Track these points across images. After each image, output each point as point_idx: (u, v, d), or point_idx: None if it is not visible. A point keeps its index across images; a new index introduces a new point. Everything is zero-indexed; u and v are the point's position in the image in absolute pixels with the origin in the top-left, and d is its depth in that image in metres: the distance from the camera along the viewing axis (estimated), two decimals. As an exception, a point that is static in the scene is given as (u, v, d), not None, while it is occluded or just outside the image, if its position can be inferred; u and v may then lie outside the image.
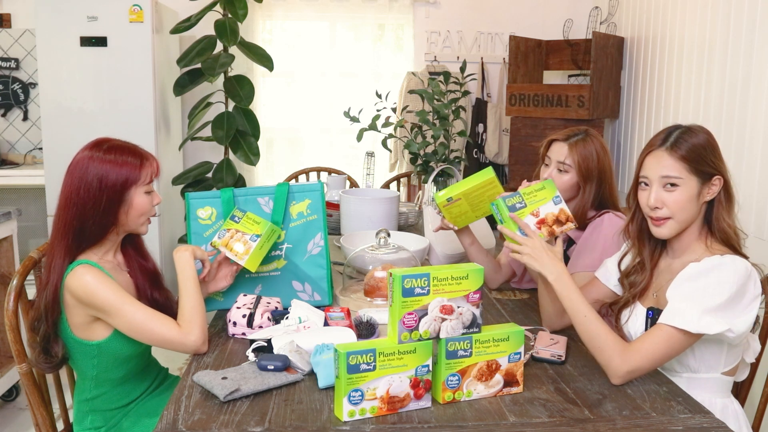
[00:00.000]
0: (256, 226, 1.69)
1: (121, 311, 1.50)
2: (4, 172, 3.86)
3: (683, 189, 1.44)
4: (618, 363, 1.37)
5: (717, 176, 1.46)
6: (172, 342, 1.51)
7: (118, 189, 1.54)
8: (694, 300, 1.38)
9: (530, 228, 1.55)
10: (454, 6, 4.35)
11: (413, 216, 2.86)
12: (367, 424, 1.21)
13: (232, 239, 1.68)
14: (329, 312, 1.63)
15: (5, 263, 2.83)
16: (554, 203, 1.59)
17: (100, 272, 1.53)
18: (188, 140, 3.76)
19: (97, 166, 1.54)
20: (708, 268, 1.41)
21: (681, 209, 1.45)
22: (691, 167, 1.44)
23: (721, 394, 1.51)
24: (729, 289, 1.37)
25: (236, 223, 1.69)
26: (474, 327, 1.30)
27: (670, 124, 1.57)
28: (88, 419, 1.65)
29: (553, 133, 1.97)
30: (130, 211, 1.58)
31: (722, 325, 1.36)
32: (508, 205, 1.57)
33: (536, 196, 1.59)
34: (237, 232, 1.68)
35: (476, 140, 4.34)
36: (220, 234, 1.69)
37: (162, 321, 1.52)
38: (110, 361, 1.61)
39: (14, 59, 4.18)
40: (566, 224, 1.59)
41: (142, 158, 1.59)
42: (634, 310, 1.58)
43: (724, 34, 2.86)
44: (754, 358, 1.57)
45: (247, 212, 1.71)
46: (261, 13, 4.22)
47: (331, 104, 4.32)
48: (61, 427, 1.76)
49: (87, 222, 1.54)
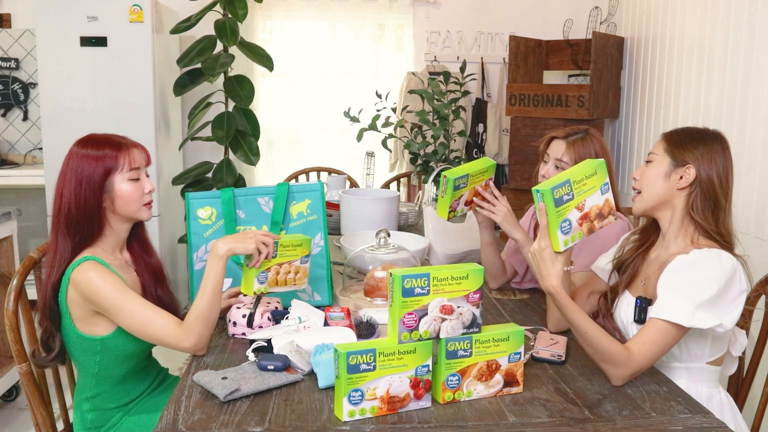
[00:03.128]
0: (298, 248, 1.63)
1: (123, 309, 1.51)
2: (4, 172, 3.86)
3: (654, 164, 1.54)
4: (622, 371, 1.38)
5: (689, 165, 1.49)
6: (168, 344, 1.52)
7: (95, 180, 1.57)
8: (683, 293, 1.40)
9: (545, 232, 1.40)
10: (454, 6, 4.35)
11: (413, 216, 2.86)
12: (367, 424, 1.21)
13: (279, 275, 1.61)
14: (329, 312, 1.63)
15: (5, 263, 2.83)
16: (601, 192, 1.44)
17: (104, 269, 1.53)
18: (188, 140, 3.76)
19: (75, 161, 1.58)
20: (694, 262, 1.43)
21: (648, 184, 1.53)
22: (668, 148, 1.52)
23: (707, 383, 1.53)
24: (717, 284, 1.39)
25: (273, 260, 1.59)
26: (474, 327, 1.30)
27: (670, 124, 1.60)
28: (88, 418, 1.65)
29: (554, 131, 1.97)
30: (117, 200, 1.59)
31: (714, 320, 1.39)
32: (555, 198, 1.36)
33: (585, 185, 1.41)
34: (280, 266, 1.60)
35: (476, 140, 4.34)
36: (260, 279, 1.58)
37: (162, 322, 1.52)
38: (112, 358, 1.61)
39: (14, 59, 4.18)
40: (607, 218, 1.47)
41: (120, 147, 1.60)
42: (624, 299, 1.61)
43: (724, 34, 2.86)
44: (740, 352, 1.60)
45: (278, 243, 1.58)
46: (261, 13, 4.22)
47: (331, 104, 4.32)
48: (61, 427, 1.76)
49: (76, 216, 1.57)
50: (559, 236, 1.39)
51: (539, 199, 1.38)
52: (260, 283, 1.58)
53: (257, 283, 1.58)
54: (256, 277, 1.58)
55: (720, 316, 1.39)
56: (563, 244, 1.40)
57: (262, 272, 1.57)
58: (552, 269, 1.41)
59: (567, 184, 1.38)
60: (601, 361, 1.40)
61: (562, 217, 1.38)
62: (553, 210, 1.37)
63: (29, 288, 1.70)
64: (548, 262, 1.41)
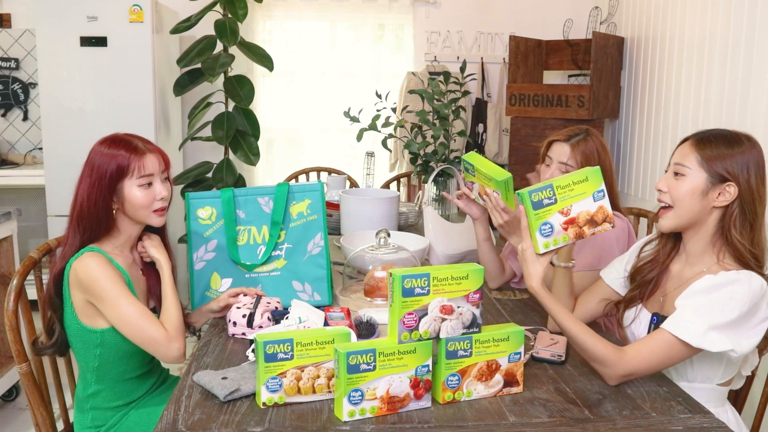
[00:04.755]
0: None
1: (115, 303, 1.52)
2: (4, 172, 3.86)
3: (688, 179, 1.42)
4: (612, 370, 1.36)
5: (731, 183, 1.40)
6: (157, 343, 1.53)
7: (107, 181, 1.58)
8: (702, 313, 1.35)
9: (527, 233, 1.42)
10: (454, 6, 4.35)
11: (413, 216, 2.86)
12: (367, 424, 1.21)
13: (302, 381, 1.26)
14: (329, 312, 1.63)
15: (5, 263, 2.83)
16: (594, 199, 1.42)
17: (105, 260, 1.55)
18: (188, 140, 3.76)
19: (93, 158, 1.60)
20: (722, 283, 1.37)
21: (680, 199, 1.43)
22: (703, 161, 1.40)
23: (714, 403, 1.48)
24: (740, 308, 1.33)
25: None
26: (474, 327, 1.30)
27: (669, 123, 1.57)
28: (88, 417, 1.65)
29: (554, 134, 1.97)
30: (126, 204, 1.61)
31: (726, 344, 1.33)
32: (533, 201, 1.40)
33: (573, 191, 1.41)
34: (302, 369, 1.27)
35: (476, 140, 4.34)
36: (271, 386, 1.25)
37: (151, 321, 1.54)
38: (113, 353, 1.62)
39: (14, 59, 4.18)
40: (601, 225, 1.44)
41: (135, 151, 1.60)
42: (639, 314, 1.56)
43: (724, 34, 2.86)
44: (750, 371, 1.55)
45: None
46: (261, 13, 4.22)
47: (331, 104, 4.32)
48: (61, 427, 1.76)
49: (87, 214, 1.59)
50: (539, 238, 1.42)
51: (520, 201, 1.42)
52: (271, 392, 1.25)
53: (267, 392, 1.25)
54: (264, 384, 1.25)
55: (736, 340, 1.33)
56: (543, 246, 1.42)
57: (273, 378, 1.24)
58: (533, 270, 1.43)
59: (549, 188, 1.40)
60: (590, 360, 1.40)
61: (541, 220, 1.41)
62: (531, 212, 1.40)
63: (29, 288, 1.70)
64: (529, 263, 1.43)
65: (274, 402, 1.25)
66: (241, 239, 1.81)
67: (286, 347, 1.24)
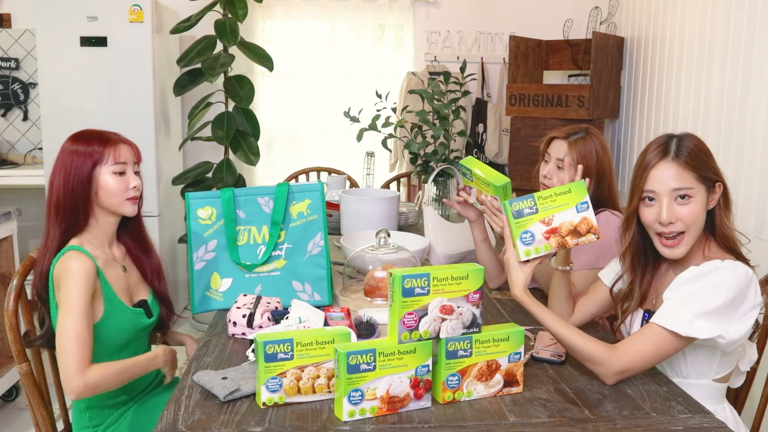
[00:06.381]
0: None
1: (66, 311, 1.51)
2: (4, 172, 3.86)
3: (696, 200, 1.41)
4: (605, 368, 1.36)
5: (718, 182, 1.44)
6: (66, 367, 1.49)
7: (83, 171, 1.61)
8: (688, 302, 1.36)
9: (510, 241, 1.46)
10: (454, 6, 4.35)
11: (413, 216, 2.86)
12: (367, 424, 1.21)
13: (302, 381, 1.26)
14: (329, 312, 1.63)
15: (5, 263, 2.83)
16: (577, 210, 1.45)
17: (86, 268, 1.54)
18: (188, 140, 3.76)
19: (64, 155, 1.65)
20: (706, 272, 1.39)
21: (695, 222, 1.42)
22: (698, 175, 1.41)
23: (712, 400, 1.47)
24: (725, 294, 1.34)
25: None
26: (474, 327, 1.30)
27: (670, 124, 1.56)
28: (86, 416, 1.65)
29: (554, 131, 1.97)
30: (100, 191, 1.63)
31: (714, 331, 1.34)
32: (513, 210, 1.45)
33: (554, 201, 1.45)
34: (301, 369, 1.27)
35: (476, 140, 4.34)
36: (271, 386, 1.24)
37: (78, 348, 1.49)
38: (102, 347, 1.61)
39: (14, 59, 4.18)
40: (586, 236, 1.45)
41: (107, 142, 1.65)
42: (636, 315, 1.57)
43: (724, 34, 2.86)
44: (749, 366, 1.55)
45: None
46: (261, 13, 4.22)
47: (331, 104, 4.32)
48: (61, 427, 1.76)
49: (63, 204, 1.61)
50: (520, 246, 1.46)
51: (503, 210, 1.48)
52: (271, 392, 1.25)
53: (267, 392, 1.25)
54: (264, 384, 1.25)
55: (724, 327, 1.34)
56: (524, 254, 1.46)
57: (273, 378, 1.24)
58: (515, 278, 1.47)
59: (530, 198, 1.45)
60: (584, 361, 1.40)
61: (522, 229, 1.45)
62: (512, 221, 1.45)
63: (29, 288, 1.70)
64: (512, 271, 1.47)
65: (274, 402, 1.25)
66: (241, 239, 1.81)
67: (286, 347, 1.24)
